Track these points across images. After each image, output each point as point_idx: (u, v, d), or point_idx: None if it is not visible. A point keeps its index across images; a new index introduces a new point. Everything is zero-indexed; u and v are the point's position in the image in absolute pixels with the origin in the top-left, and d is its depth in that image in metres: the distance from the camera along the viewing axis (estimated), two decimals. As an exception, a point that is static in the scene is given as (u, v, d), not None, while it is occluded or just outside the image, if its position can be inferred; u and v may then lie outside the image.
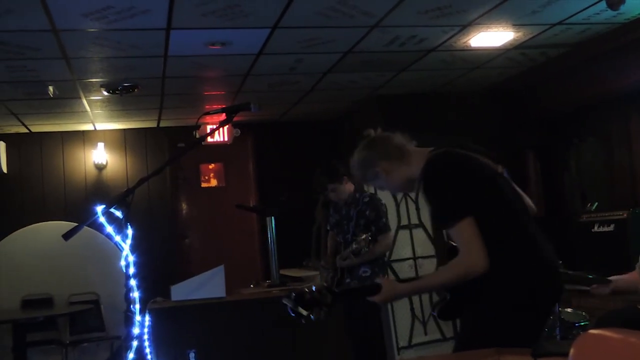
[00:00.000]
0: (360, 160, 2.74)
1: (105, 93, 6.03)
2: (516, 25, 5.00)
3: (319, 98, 7.02)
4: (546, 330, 3.56)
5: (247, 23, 4.46)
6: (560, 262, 2.57)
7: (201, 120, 7.12)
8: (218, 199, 8.15)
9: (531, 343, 2.15)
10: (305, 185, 5.39)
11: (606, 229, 5.29)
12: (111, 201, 2.58)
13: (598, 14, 4.88)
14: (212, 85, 6.32)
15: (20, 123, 7.19)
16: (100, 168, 7.93)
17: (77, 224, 2.59)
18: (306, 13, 4.35)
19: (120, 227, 2.63)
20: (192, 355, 4.17)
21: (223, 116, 2.86)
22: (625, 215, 5.20)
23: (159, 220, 7.87)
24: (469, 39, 5.25)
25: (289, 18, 4.40)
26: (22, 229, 7.28)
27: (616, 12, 4.67)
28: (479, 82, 6.88)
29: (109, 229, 2.65)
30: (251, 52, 5.20)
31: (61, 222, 7.00)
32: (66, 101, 6.33)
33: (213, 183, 8.38)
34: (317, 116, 8.04)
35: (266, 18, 4.41)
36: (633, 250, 4.99)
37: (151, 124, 7.93)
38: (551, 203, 6.69)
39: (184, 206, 8.23)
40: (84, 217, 2.69)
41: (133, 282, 2.66)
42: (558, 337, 3.61)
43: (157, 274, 5.92)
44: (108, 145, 7.96)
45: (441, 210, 2.47)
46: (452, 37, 5.17)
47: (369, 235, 4.27)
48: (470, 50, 5.56)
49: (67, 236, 2.58)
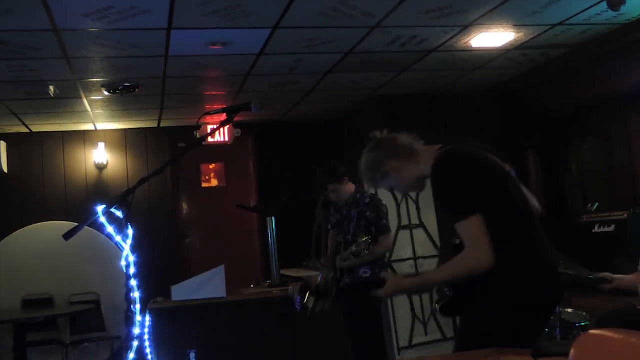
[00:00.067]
0: (368, 162, 2.73)
1: (106, 93, 6.03)
2: (517, 25, 4.99)
3: (320, 98, 7.01)
4: (547, 330, 3.56)
5: (248, 23, 4.46)
6: (561, 263, 2.58)
7: (202, 120, 7.12)
8: (219, 199, 8.15)
9: (531, 343, 2.15)
10: (305, 185, 5.39)
11: (607, 230, 5.29)
12: (112, 201, 2.58)
13: (599, 15, 4.88)
14: (213, 85, 6.32)
15: (20, 123, 7.19)
16: (100, 168, 7.93)
17: (78, 224, 2.60)
18: (307, 13, 4.34)
19: (120, 227, 2.63)
20: (193, 355, 4.17)
21: (224, 116, 2.86)
22: (625, 215, 5.19)
23: (160, 220, 7.87)
24: (470, 40, 5.25)
25: (290, 18, 4.40)
26: (23, 229, 7.28)
27: (617, 13, 4.66)
28: (480, 83, 6.87)
29: (110, 229, 2.65)
30: (252, 52, 5.19)
31: (62, 222, 7.00)
32: (67, 101, 6.33)
33: (214, 183, 8.38)
34: (318, 116, 8.04)
35: (267, 18, 4.41)
36: (634, 250, 4.99)
37: (152, 124, 7.93)
38: (552, 203, 6.68)
39: (185, 206, 8.23)
40: (85, 217, 2.70)
41: (133, 282, 2.66)
42: (558, 337, 3.62)
43: (158, 274, 5.92)
44: (109, 145, 7.96)
45: (450, 206, 2.48)
46: (453, 38, 5.17)
47: (370, 237, 4.27)
48: (471, 50, 5.56)
49: (68, 236, 2.58)
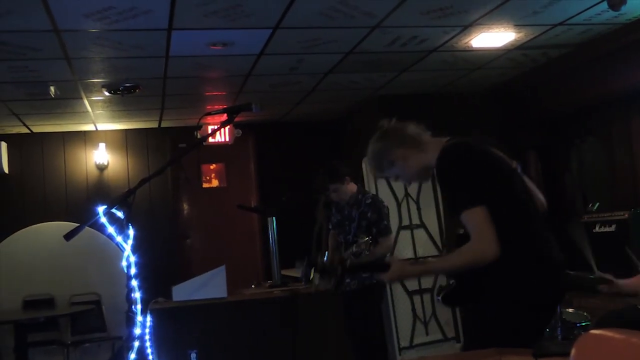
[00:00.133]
0: (375, 150, 2.75)
1: (106, 93, 6.03)
2: (517, 25, 4.99)
3: (320, 98, 7.01)
4: (547, 330, 3.56)
5: (249, 23, 4.46)
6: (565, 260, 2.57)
7: (202, 120, 7.12)
8: (219, 200, 8.15)
9: (534, 339, 2.15)
10: (306, 185, 5.39)
11: (607, 230, 5.28)
12: (112, 202, 2.59)
13: (599, 15, 4.87)
14: (214, 85, 6.32)
15: (21, 123, 7.20)
16: (101, 168, 7.93)
17: (79, 225, 2.60)
18: (308, 13, 4.34)
19: (121, 228, 2.64)
20: (194, 355, 4.18)
21: (224, 116, 2.86)
22: (626, 215, 5.18)
23: (160, 220, 7.87)
24: (471, 40, 5.25)
25: (291, 18, 4.40)
26: (24, 230, 7.28)
27: (617, 13, 4.67)
28: (481, 83, 6.87)
29: (111, 230, 2.65)
30: (252, 53, 5.20)
31: (62, 223, 7.00)
32: (67, 101, 6.33)
33: (214, 183, 8.37)
34: (319, 116, 8.04)
35: (268, 18, 4.41)
36: (634, 250, 4.98)
37: (152, 125, 7.93)
38: (552, 203, 6.64)
39: (185, 206, 8.23)
40: (86, 218, 2.70)
41: (134, 283, 2.67)
42: (559, 337, 3.62)
43: (159, 275, 5.92)
44: (109, 145, 7.96)
45: (455, 196, 2.48)
46: (454, 38, 5.17)
47: (370, 238, 4.27)
48: (471, 50, 5.56)
49: (69, 237, 2.58)
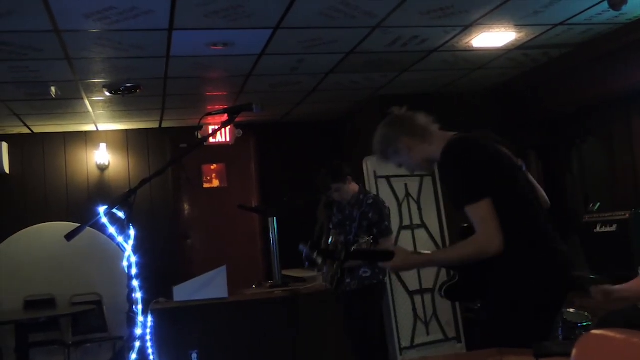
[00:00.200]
0: (382, 135, 2.75)
1: (107, 94, 6.04)
2: (518, 25, 4.99)
3: (321, 98, 7.01)
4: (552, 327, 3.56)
5: (250, 24, 4.46)
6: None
7: (203, 120, 7.12)
8: (220, 200, 8.15)
9: (541, 337, 2.16)
10: (307, 185, 5.39)
11: (608, 230, 5.27)
12: (113, 202, 2.59)
13: (600, 15, 4.87)
14: (214, 85, 6.32)
15: (22, 124, 7.20)
16: (102, 169, 7.94)
17: (80, 225, 2.60)
18: (308, 13, 4.34)
19: (122, 228, 2.64)
20: (195, 355, 4.18)
21: (225, 117, 2.87)
22: (627, 215, 5.18)
23: (161, 220, 7.87)
24: (471, 40, 5.25)
25: (291, 18, 4.40)
26: (25, 230, 7.29)
27: (618, 13, 4.66)
28: (481, 83, 6.87)
29: (112, 230, 2.65)
30: (253, 53, 5.20)
31: (63, 223, 7.01)
32: (68, 102, 6.33)
33: (215, 184, 8.37)
34: (319, 117, 8.04)
35: (268, 18, 4.41)
36: (635, 250, 4.98)
37: (153, 125, 7.93)
38: (553, 203, 6.66)
39: (186, 207, 8.23)
40: (87, 218, 2.70)
41: (135, 283, 2.67)
42: (560, 338, 3.61)
43: (159, 275, 5.91)
44: (110, 146, 7.96)
45: (460, 189, 2.49)
46: (454, 38, 5.17)
47: (371, 238, 4.27)
48: (472, 50, 5.56)
49: (70, 237, 2.58)
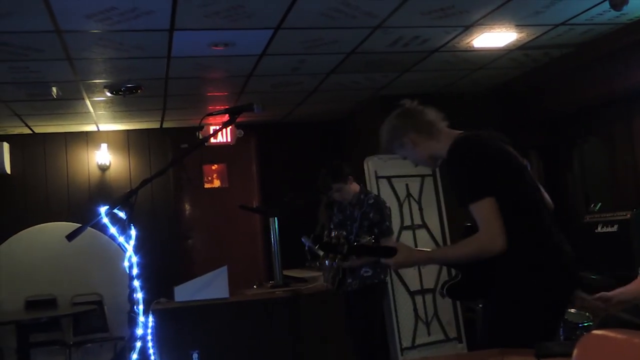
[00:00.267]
0: (390, 127, 2.78)
1: (108, 94, 6.04)
2: (519, 25, 4.99)
3: (322, 99, 7.01)
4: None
5: (251, 24, 4.46)
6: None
7: (204, 121, 7.12)
8: (221, 200, 8.15)
9: (546, 337, 2.17)
10: (308, 185, 5.39)
11: (609, 230, 5.27)
12: (114, 202, 2.59)
13: (601, 15, 4.87)
14: (215, 86, 6.32)
15: (23, 124, 7.20)
16: (103, 169, 7.94)
17: (81, 225, 2.60)
18: (309, 14, 4.34)
19: (123, 228, 2.63)
20: (196, 355, 4.18)
21: (226, 117, 2.87)
22: (628, 215, 5.17)
23: (162, 221, 7.87)
24: (472, 40, 5.25)
25: (292, 19, 4.40)
26: (26, 230, 7.30)
27: (619, 13, 4.66)
28: (482, 83, 6.87)
29: (113, 230, 2.65)
30: (254, 53, 5.20)
31: (65, 223, 7.01)
32: (69, 102, 6.34)
33: (216, 184, 8.37)
34: (320, 117, 8.04)
35: (269, 19, 4.41)
36: (636, 250, 4.98)
37: (154, 125, 7.93)
38: (554, 204, 6.67)
39: (187, 207, 8.23)
40: (88, 218, 2.70)
41: (136, 283, 2.66)
42: (561, 338, 3.61)
43: (160, 275, 5.91)
44: (111, 146, 7.97)
45: (464, 187, 2.49)
46: (455, 38, 5.16)
47: (372, 238, 4.27)
48: (473, 50, 5.56)
49: (71, 237, 2.58)
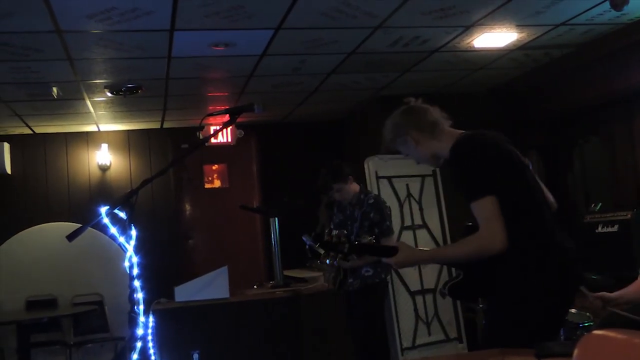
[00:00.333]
0: (393, 124, 2.83)
1: (108, 94, 6.04)
2: (520, 26, 4.99)
3: (323, 99, 7.01)
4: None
5: (251, 24, 4.46)
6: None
7: (205, 121, 7.12)
8: (221, 200, 8.15)
9: (549, 336, 2.17)
10: (308, 186, 5.39)
11: (610, 230, 5.27)
12: (115, 202, 2.59)
13: (602, 15, 4.87)
14: (216, 86, 6.32)
15: (24, 124, 7.21)
16: (104, 169, 7.94)
17: (81, 225, 2.60)
18: (310, 14, 4.34)
19: (124, 228, 2.63)
20: (196, 356, 4.18)
21: (227, 117, 2.86)
22: (629, 215, 5.17)
23: (163, 221, 7.87)
24: (473, 40, 5.25)
25: (293, 19, 4.40)
26: (26, 230, 7.30)
27: (620, 13, 4.66)
28: (483, 83, 6.87)
29: (113, 230, 2.65)
30: (255, 53, 5.20)
31: (65, 223, 7.02)
32: (70, 102, 6.34)
33: (216, 184, 8.38)
34: (321, 117, 8.04)
35: (270, 19, 4.41)
36: (637, 251, 4.98)
37: (155, 125, 7.93)
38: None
39: (188, 207, 8.23)
40: (88, 218, 2.70)
41: (137, 283, 2.66)
42: (562, 338, 3.61)
43: (161, 275, 5.90)
44: (112, 146, 7.97)
45: (466, 185, 2.50)
46: (456, 38, 5.16)
47: (373, 237, 4.27)
48: (473, 51, 5.56)
49: (71, 237, 2.58)
